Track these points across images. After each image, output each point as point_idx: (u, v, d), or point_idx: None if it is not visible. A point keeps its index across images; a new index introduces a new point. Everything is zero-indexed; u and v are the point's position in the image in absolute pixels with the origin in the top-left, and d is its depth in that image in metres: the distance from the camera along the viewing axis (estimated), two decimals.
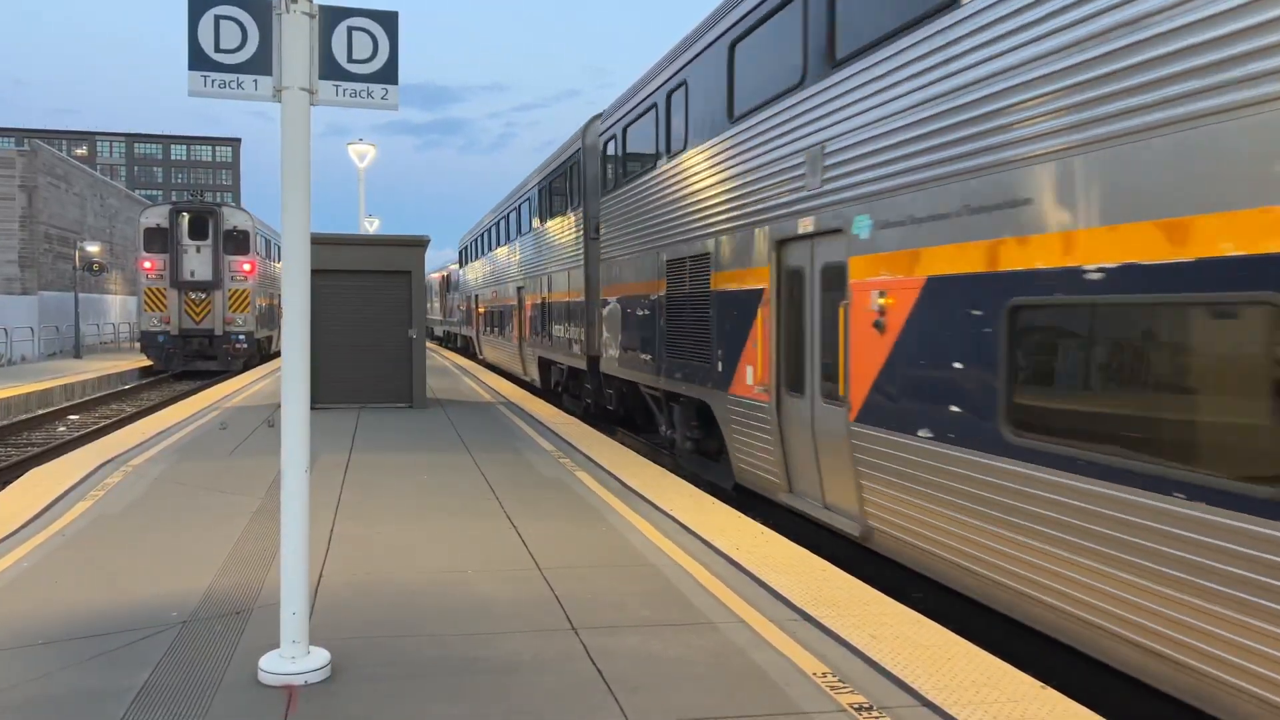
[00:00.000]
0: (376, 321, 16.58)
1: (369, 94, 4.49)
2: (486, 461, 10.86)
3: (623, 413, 15.21)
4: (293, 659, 4.42)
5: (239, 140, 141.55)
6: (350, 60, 4.45)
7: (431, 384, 21.24)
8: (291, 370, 4.46)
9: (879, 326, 6.64)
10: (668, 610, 5.59)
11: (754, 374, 8.80)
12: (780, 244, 8.32)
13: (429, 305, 55.01)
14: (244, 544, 7.14)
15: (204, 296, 30.49)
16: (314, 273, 16.22)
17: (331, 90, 4.45)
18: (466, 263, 37.66)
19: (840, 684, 4.51)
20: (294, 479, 4.47)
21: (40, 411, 20.92)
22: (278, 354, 37.52)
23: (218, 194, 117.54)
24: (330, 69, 4.44)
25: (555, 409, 16.95)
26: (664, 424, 12.49)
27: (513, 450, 11.76)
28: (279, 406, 16.99)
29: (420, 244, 17.00)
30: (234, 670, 4.62)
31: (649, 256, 12.10)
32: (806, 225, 7.72)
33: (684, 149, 10.68)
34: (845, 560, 8.14)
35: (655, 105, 11.83)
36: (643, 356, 12.55)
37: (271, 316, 35.54)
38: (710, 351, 10.00)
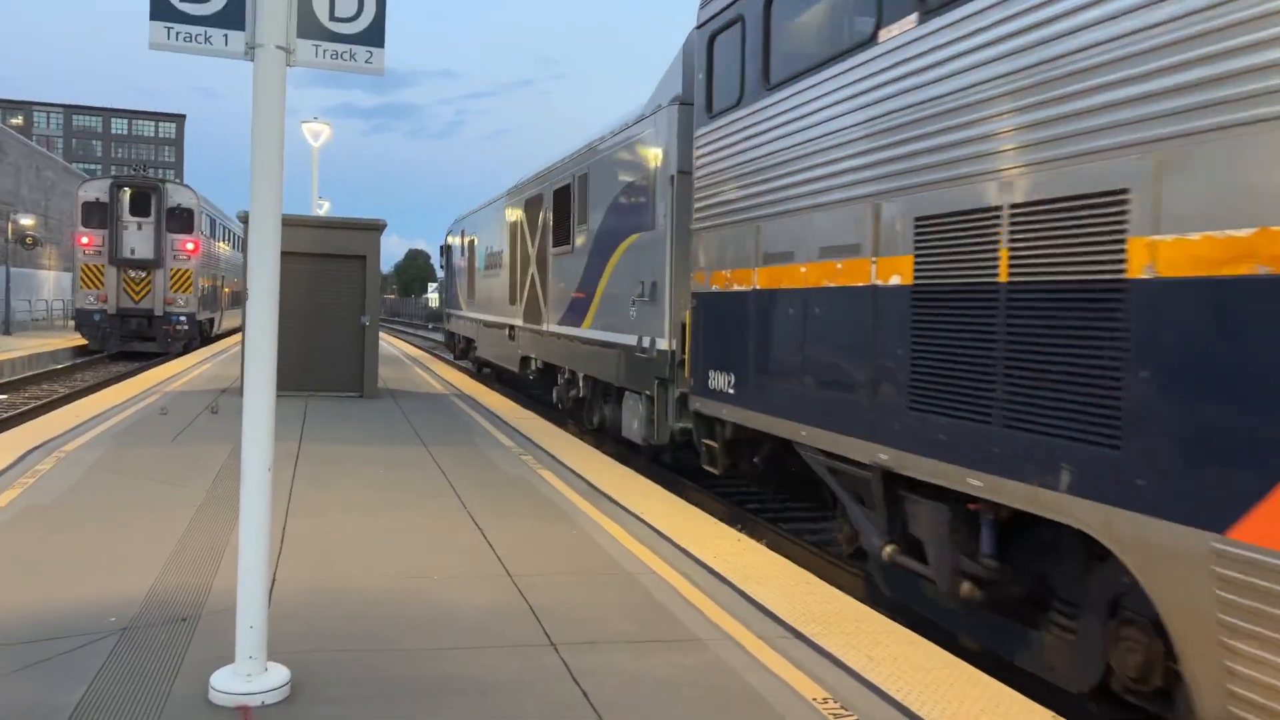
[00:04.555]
0: (328, 307, 15.98)
1: (352, 56, 4.07)
2: (444, 456, 10.42)
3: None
4: (249, 677, 4.00)
5: (183, 117, 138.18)
6: (333, 18, 4.04)
7: (382, 373, 20.65)
8: (257, 356, 4.04)
9: None
10: (651, 625, 5.26)
11: None
12: None
13: (457, 290, 26.23)
14: (189, 541, 6.65)
15: (144, 275, 29.42)
16: None
17: (310, 50, 4.03)
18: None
19: (843, 711, 4.21)
20: (255, 478, 4.05)
21: None
22: (219, 337, 36.51)
23: (160, 171, 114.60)
24: (310, 27, 4.02)
25: (511, 403, 16.52)
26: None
27: (471, 445, 11.34)
28: (223, 392, 16.43)
29: (376, 228, 16.46)
30: (182, 686, 4.19)
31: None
32: None
33: None
34: (819, 569, 7.91)
35: None
36: None
37: (215, 298, 34.51)
38: None
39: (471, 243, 23.83)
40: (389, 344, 34.40)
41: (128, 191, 29.50)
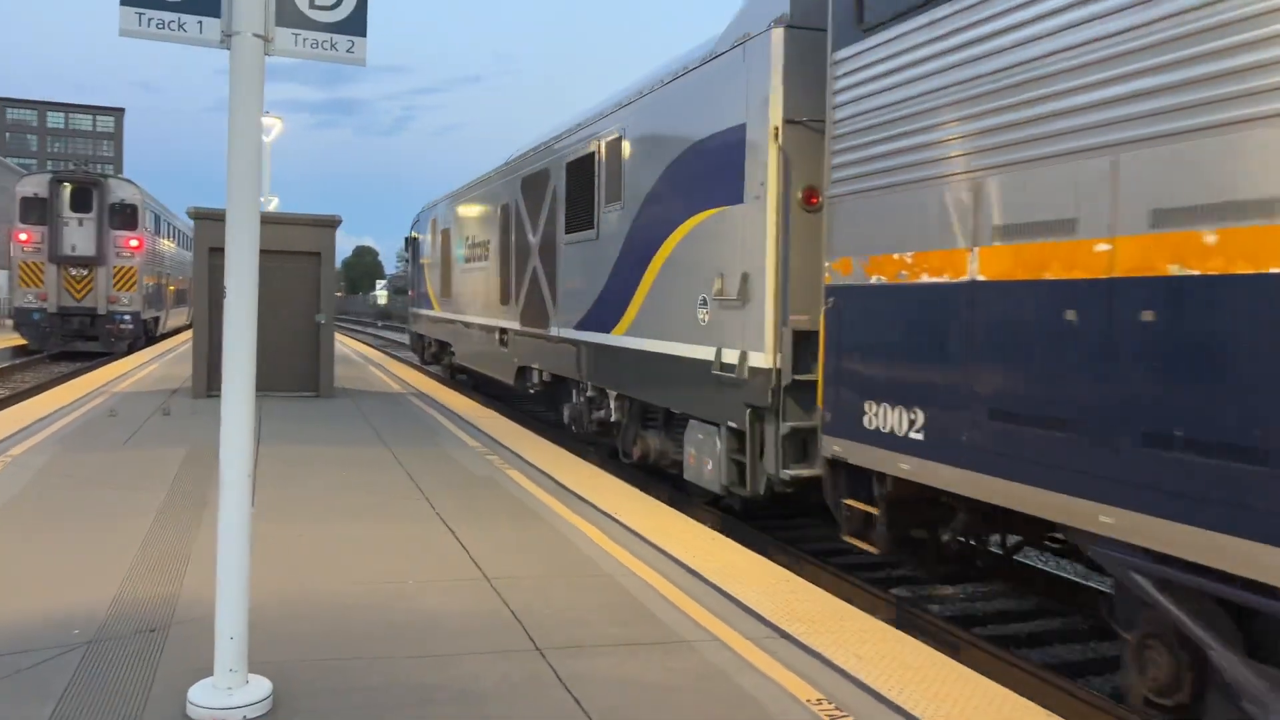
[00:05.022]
0: (283, 305, 15.63)
1: (333, 45, 3.93)
2: (408, 457, 10.23)
3: None
4: (229, 690, 3.85)
5: (122, 110, 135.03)
6: (312, 6, 3.88)
7: (336, 372, 20.28)
8: (235, 359, 3.89)
9: None
10: (636, 627, 5.17)
11: None
12: None
13: (427, 286, 23.08)
14: (150, 547, 6.43)
15: (86, 273, 28.60)
16: (214, 251, 15.36)
17: (290, 39, 3.87)
18: None
19: (839, 712, 4.17)
20: (234, 484, 3.90)
21: None
22: (164, 336, 35.67)
23: (98, 166, 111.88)
24: (289, 14, 3.86)
25: (471, 401, 16.32)
26: None
27: (434, 445, 11.15)
28: (173, 393, 16.00)
29: (331, 224, 16.15)
30: (157, 701, 4.01)
31: None
32: None
33: None
34: (791, 565, 7.89)
35: None
36: None
37: (160, 296, 33.69)
38: None
39: (446, 233, 20.76)
40: (339, 342, 33.87)
41: (68, 187, 28.64)
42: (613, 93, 11.34)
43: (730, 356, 7.91)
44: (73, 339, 28.64)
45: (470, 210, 18.46)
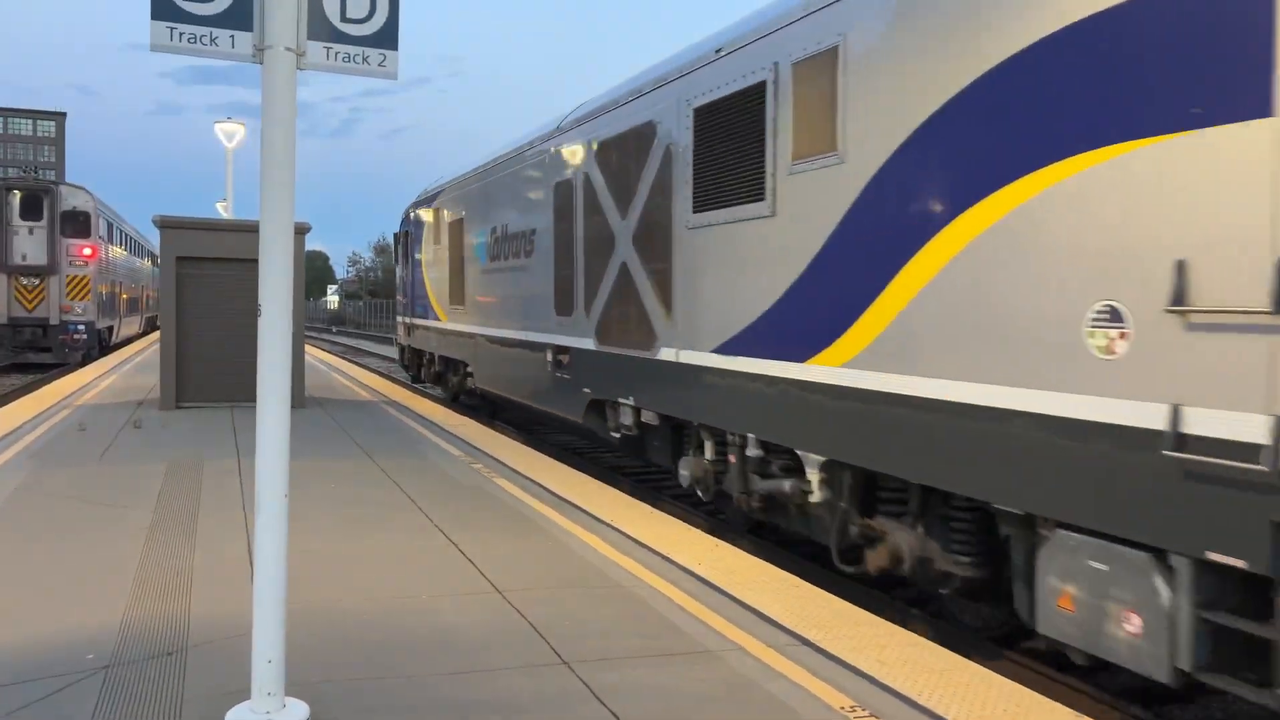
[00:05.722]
0: (250, 314, 15.40)
1: (365, 59, 3.89)
2: (394, 468, 10.13)
3: None
4: (268, 714, 3.79)
5: (64, 115, 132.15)
6: (344, 19, 3.85)
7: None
8: (271, 379, 3.84)
9: None
10: (657, 637, 5.17)
11: None
12: None
13: (427, 290, 19.03)
14: (149, 566, 6.30)
15: (37, 282, 27.92)
16: (180, 260, 15.09)
17: (321, 53, 3.83)
18: None
19: (874, 718, 4.21)
20: (271, 505, 3.84)
21: None
22: (118, 345, 34.96)
23: (38, 171, 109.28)
24: (320, 28, 3.82)
25: (444, 409, 16.20)
26: None
27: (417, 455, 11.05)
28: (139, 404, 15.69)
29: (299, 231, 15.92)
30: None
31: None
32: None
33: None
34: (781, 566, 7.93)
35: None
36: None
37: (114, 305, 33.02)
38: None
39: (457, 224, 16.68)
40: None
41: (18, 194, 27.95)
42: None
43: (1224, 426, 4.16)
44: (24, 351, 27.96)
45: (498, 193, 14.47)
